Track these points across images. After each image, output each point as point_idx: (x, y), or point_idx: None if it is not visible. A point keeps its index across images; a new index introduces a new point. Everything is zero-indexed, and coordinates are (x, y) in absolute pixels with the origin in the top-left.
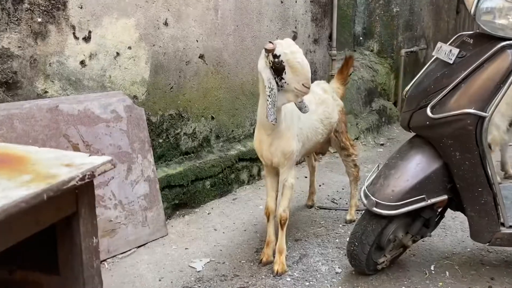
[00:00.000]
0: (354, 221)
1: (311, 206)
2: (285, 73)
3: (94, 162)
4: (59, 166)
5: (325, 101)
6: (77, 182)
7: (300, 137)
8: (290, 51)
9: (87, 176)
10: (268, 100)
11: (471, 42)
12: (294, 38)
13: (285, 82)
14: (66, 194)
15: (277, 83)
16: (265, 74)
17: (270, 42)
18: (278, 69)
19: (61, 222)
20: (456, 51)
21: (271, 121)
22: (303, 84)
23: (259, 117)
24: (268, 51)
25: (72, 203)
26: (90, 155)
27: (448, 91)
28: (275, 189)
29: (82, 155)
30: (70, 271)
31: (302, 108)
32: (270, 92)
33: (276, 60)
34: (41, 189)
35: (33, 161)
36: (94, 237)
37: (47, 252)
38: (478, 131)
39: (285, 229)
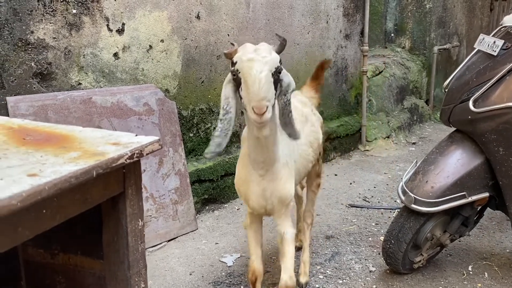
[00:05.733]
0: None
1: (298, 249)
2: (241, 89)
3: (142, 141)
4: (106, 144)
5: (308, 118)
6: (125, 160)
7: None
8: (247, 58)
9: (135, 154)
10: (218, 126)
11: None
12: (282, 46)
13: (242, 102)
14: (113, 173)
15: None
16: (224, 90)
17: (231, 43)
18: (237, 83)
19: (107, 203)
20: (500, 42)
21: (205, 154)
22: (252, 108)
23: (248, 151)
24: (226, 56)
25: (119, 183)
26: (136, 135)
27: (492, 84)
28: (260, 244)
29: (128, 135)
30: (115, 255)
31: (292, 135)
32: (223, 116)
33: (232, 68)
34: (90, 166)
35: (80, 140)
36: (140, 220)
37: (91, 235)
38: None
39: None
